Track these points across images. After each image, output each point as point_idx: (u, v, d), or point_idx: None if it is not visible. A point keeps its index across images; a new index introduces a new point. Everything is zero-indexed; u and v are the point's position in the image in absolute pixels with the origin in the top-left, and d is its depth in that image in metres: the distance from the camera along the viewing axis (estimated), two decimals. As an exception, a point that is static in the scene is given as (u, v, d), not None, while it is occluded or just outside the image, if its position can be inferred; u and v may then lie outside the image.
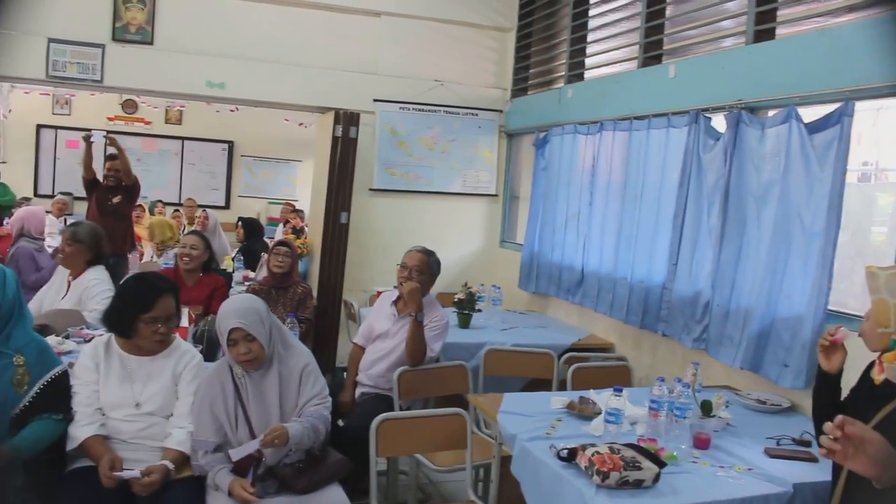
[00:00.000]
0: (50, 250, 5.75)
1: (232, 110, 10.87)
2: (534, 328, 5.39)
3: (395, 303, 4.29)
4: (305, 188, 12.11)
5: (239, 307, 2.95)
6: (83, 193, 7.02)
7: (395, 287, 4.34)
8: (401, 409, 3.92)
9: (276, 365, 2.96)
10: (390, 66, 6.76)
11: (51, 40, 6.04)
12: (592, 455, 2.51)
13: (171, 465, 2.81)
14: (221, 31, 6.36)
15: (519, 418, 3.20)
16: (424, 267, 4.22)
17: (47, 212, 6.86)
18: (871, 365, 2.27)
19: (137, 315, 2.90)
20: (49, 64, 6.05)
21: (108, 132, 11.67)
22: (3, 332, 2.70)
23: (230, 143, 12.30)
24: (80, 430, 2.85)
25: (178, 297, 3.05)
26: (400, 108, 6.76)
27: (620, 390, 3.07)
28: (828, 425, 1.72)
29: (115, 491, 2.73)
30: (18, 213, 5.96)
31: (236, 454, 2.80)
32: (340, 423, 4.06)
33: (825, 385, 2.43)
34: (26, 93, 11.05)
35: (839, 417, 1.71)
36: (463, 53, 6.98)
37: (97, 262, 4.49)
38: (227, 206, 11.98)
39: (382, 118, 6.71)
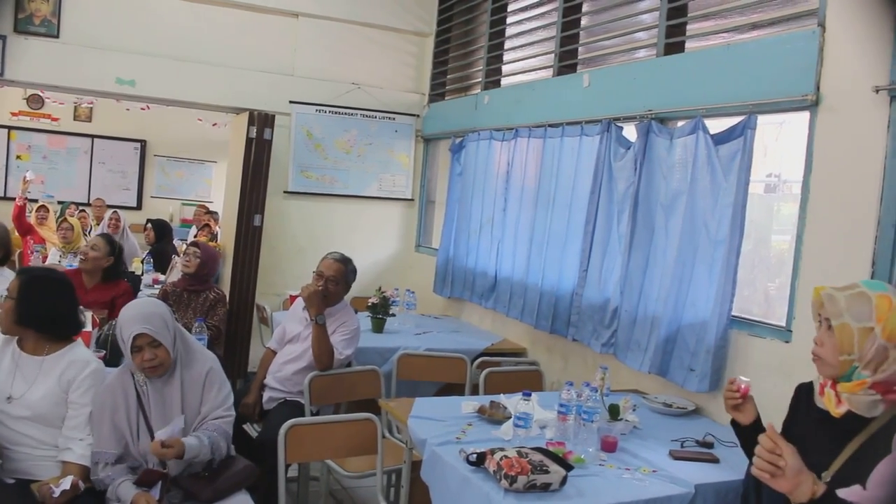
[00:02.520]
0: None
1: (143, 108, 10.59)
2: (447, 333, 5.40)
3: (305, 307, 4.24)
4: (220, 190, 11.90)
5: (143, 312, 2.85)
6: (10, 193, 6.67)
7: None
8: (311, 415, 3.87)
9: (178, 371, 2.88)
10: (307, 68, 6.69)
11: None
12: (501, 459, 2.52)
13: (81, 484, 2.66)
14: (132, 26, 6.18)
15: (430, 423, 3.19)
16: (340, 276, 4.19)
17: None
18: (808, 391, 2.19)
19: None
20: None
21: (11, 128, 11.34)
22: None
23: (143, 143, 11.96)
24: None
25: None
26: (316, 110, 6.70)
27: (529, 395, 3.08)
28: (764, 438, 1.78)
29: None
30: None
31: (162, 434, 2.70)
32: (247, 427, 4.00)
33: (749, 436, 2.22)
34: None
35: (772, 432, 1.77)
36: (381, 57, 6.96)
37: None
38: (138, 207, 11.64)
39: (298, 120, 6.63)
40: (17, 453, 2.76)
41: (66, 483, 2.60)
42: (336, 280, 4.17)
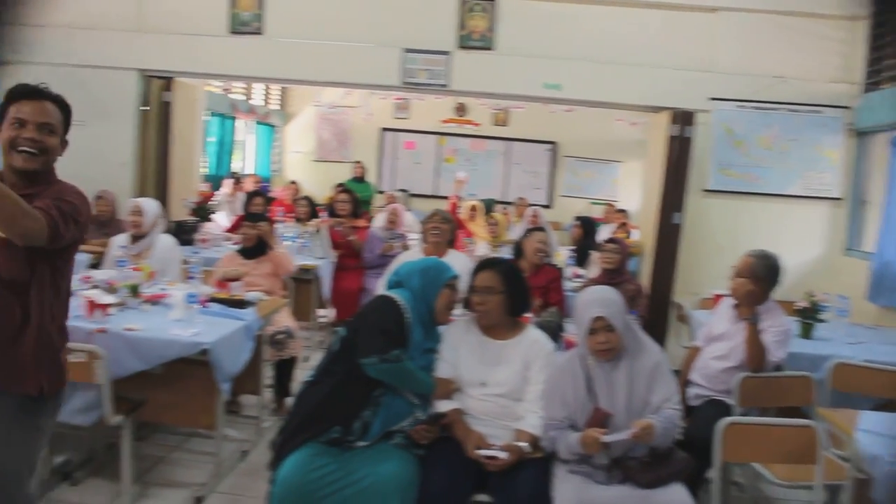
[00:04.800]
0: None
1: (567, 111, 11.14)
2: (888, 345, 4.91)
3: (737, 306, 4.14)
4: (625, 189, 12.14)
5: (602, 297, 3.04)
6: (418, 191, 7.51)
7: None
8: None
9: (626, 359, 3.00)
10: (726, 64, 6.52)
11: (404, 50, 6.62)
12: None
13: (527, 447, 2.96)
14: (559, 33, 6.54)
15: (882, 439, 2.94)
16: (760, 274, 4.02)
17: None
18: None
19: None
20: (403, 71, 6.63)
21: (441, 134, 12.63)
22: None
23: (553, 144, 12.61)
24: (444, 403, 3.13)
25: None
26: (737, 106, 6.49)
27: None
28: None
29: (472, 463, 2.94)
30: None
31: (607, 437, 2.83)
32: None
33: None
34: (382, 98, 12.24)
35: None
36: (805, 47, 6.52)
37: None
38: (549, 206, 12.30)
39: (718, 117, 6.48)
40: (485, 422, 3.10)
41: (493, 453, 2.91)
42: (756, 278, 4.01)
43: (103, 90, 6.98)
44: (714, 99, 6.48)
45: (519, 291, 3.25)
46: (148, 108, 7.09)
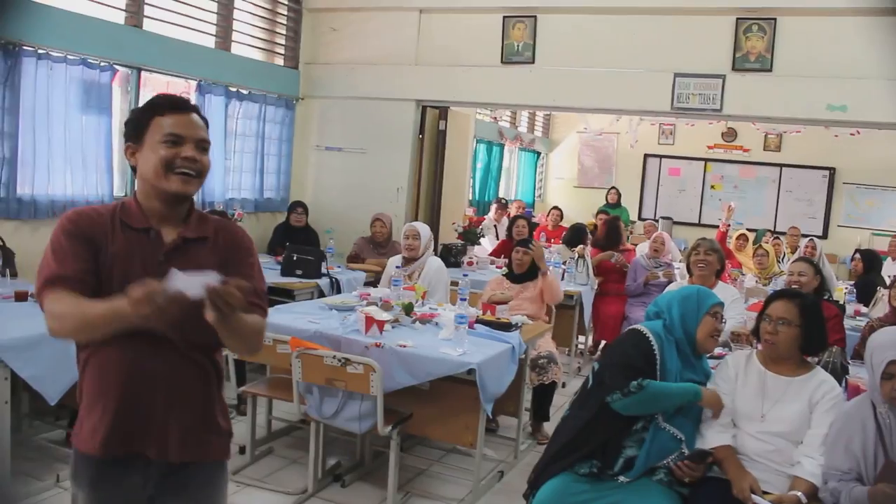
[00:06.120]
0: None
1: (851, 134, 10.37)
2: None
3: None
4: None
5: (900, 339, 2.78)
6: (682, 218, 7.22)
7: None
8: None
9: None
10: None
11: (676, 74, 6.48)
12: None
13: (803, 498, 2.75)
14: (844, 51, 6.07)
15: None
16: None
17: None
18: None
19: None
20: (674, 96, 6.49)
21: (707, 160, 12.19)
22: None
23: (831, 170, 11.73)
24: (715, 436, 2.98)
25: None
26: None
27: None
28: None
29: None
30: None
31: None
32: None
33: None
34: (652, 125, 12.10)
35: None
36: None
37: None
38: (824, 236, 11.43)
39: None
40: (758, 464, 2.92)
41: (762, 502, 2.71)
42: None
43: (383, 120, 7.51)
44: None
45: (817, 328, 3.02)
46: (423, 136, 7.51)
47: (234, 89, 6.86)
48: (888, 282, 6.00)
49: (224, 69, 6.71)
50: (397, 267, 5.25)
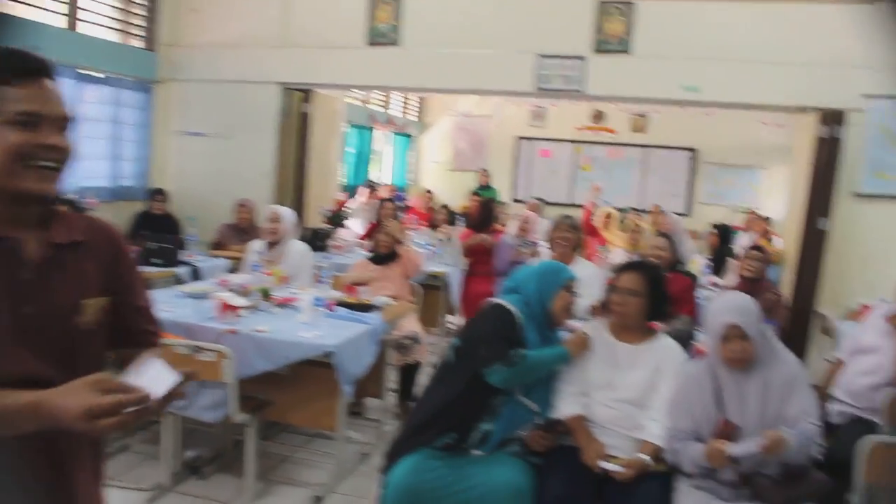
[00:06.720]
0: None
1: (706, 114, 10.78)
2: None
3: (892, 318, 3.83)
4: (767, 197, 11.56)
5: (736, 304, 2.88)
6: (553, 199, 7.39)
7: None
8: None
9: (759, 370, 2.81)
10: (883, 58, 6.06)
11: (539, 56, 6.56)
12: None
13: (648, 460, 2.83)
14: (697, 33, 6.31)
15: None
16: None
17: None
18: None
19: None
20: (537, 77, 6.58)
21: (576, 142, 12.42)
22: None
23: (693, 151, 12.21)
24: (567, 407, 3.02)
25: None
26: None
27: None
28: None
29: (591, 473, 2.85)
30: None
31: (734, 449, 2.66)
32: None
33: None
34: (517, 106, 12.24)
35: None
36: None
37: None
38: (687, 214, 11.89)
39: (873, 116, 6.01)
40: (609, 431, 2.98)
41: (612, 468, 2.81)
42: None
43: (246, 104, 7.30)
44: (869, 96, 6.03)
45: (661, 297, 3.12)
46: (286, 119, 7.35)
47: (84, 72, 6.51)
48: (743, 254, 6.28)
49: (73, 51, 6.34)
50: (258, 252, 5.12)
